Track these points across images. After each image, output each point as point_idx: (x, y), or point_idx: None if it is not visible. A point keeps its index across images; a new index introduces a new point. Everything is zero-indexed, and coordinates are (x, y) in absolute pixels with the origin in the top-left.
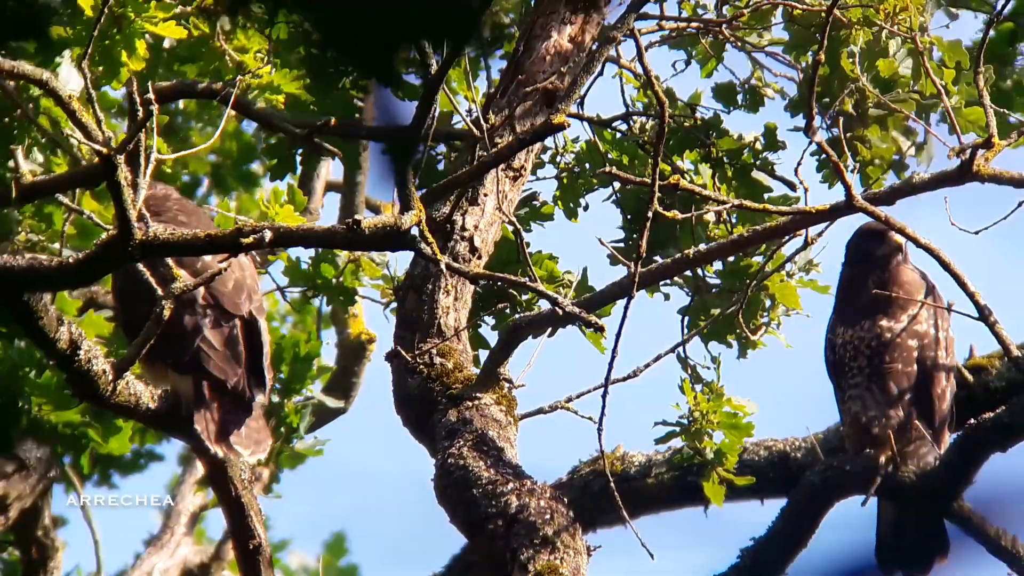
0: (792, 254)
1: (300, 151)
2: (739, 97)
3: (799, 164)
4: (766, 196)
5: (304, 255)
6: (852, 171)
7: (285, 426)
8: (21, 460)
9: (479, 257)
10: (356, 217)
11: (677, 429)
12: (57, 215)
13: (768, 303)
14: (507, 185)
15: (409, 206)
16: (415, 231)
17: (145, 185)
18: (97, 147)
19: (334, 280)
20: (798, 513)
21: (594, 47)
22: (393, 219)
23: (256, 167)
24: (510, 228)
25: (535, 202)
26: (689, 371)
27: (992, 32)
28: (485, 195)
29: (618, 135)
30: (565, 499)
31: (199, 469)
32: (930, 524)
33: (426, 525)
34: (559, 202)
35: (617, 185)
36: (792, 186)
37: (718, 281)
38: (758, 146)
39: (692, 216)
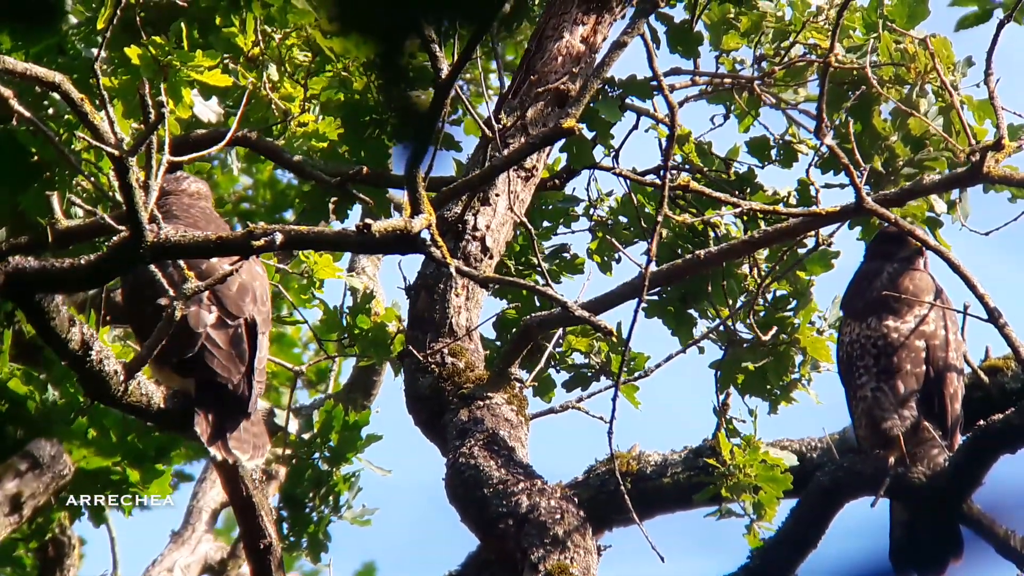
0: (804, 255)
1: (332, 199)
2: (773, 152)
3: (809, 168)
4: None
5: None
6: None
7: (334, 495)
8: (35, 458)
9: (491, 257)
10: (367, 220)
11: (715, 484)
12: None
13: (799, 358)
14: (519, 185)
15: (419, 209)
16: (425, 234)
17: (156, 188)
18: (109, 149)
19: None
20: (808, 514)
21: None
22: (403, 222)
23: (289, 216)
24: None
25: (566, 254)
26: (724, 424)
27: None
28: (497, 195)
29: (652, 188)
30: (576, 499)
31: None
32: (943, 525)
33: (438, 525)
34: (593, 256)
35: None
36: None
37: (750, 336)
38: (792, 201)
39: (702, 220)
